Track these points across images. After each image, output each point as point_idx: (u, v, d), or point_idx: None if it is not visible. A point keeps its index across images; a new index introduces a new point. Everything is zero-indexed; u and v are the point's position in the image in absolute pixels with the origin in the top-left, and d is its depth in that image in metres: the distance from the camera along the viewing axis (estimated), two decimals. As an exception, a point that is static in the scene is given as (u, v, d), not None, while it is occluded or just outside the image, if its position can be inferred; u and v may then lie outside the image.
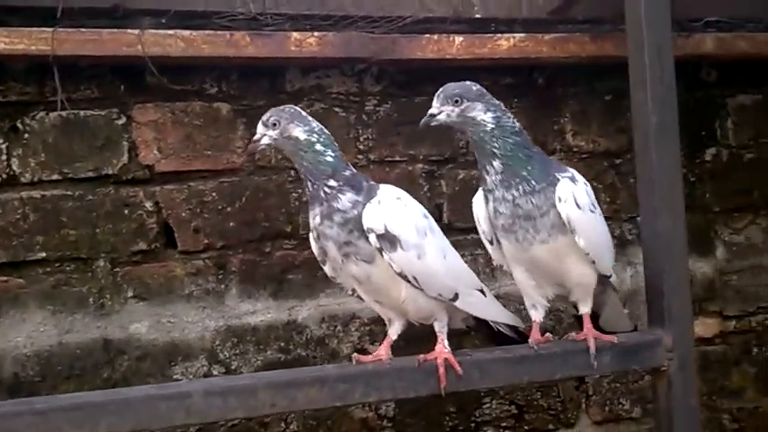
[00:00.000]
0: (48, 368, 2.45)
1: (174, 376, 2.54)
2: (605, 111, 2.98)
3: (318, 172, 1.94)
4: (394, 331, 2.07)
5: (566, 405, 2.90)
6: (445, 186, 2.82)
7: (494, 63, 2.74)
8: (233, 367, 2.59)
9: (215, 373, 2.57)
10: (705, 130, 3.10)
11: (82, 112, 2.48)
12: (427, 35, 2.62)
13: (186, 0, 2.48)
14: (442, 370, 1.92)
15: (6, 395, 2.41)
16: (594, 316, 2.26)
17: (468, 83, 2.05)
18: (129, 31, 2.39)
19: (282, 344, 2.64)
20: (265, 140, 1.98)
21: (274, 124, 1.96)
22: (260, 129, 1.98)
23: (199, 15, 2.50)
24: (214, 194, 2.58)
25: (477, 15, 2.73)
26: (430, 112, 2.03)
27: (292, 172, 2.66)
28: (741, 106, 3.15)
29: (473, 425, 2.81)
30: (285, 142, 1.97)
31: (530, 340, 2.10)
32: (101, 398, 1.86)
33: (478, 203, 2.12)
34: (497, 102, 2.05)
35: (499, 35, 2.71)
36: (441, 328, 2.01)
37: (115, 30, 2.39)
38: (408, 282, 1.94)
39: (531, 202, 1.99)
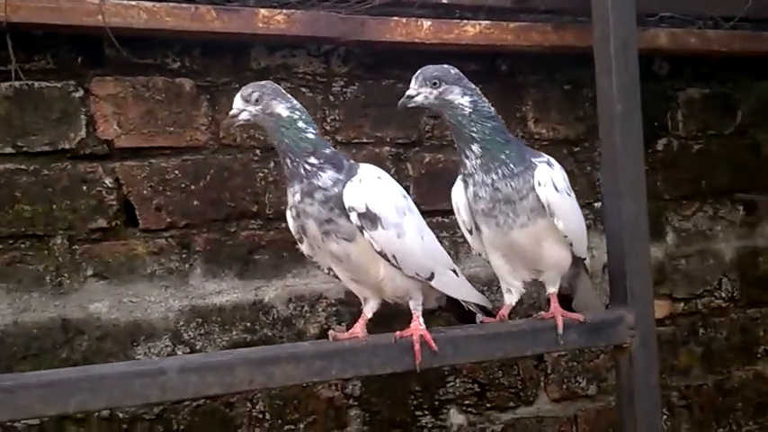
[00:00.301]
0: (2, 348, 2.00)
1: (137, 356, 2.10)
2: (565, 100, 2.59)
3: (299, 149, 1.61)
4: (369, 309, 1.76)
5: (525, 383, 2.51)
6: (411, 169, 2.41)
7: (460, 49, 2.31)
8: (197, 347, 2.16)
9: (179, 353, 2.11)
10: (657, 121, 2.73)
11: (36, 84, 2.02)
12: (396, 18, 2.21)
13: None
14: (417, 347, 1.63)
15: (-44, 377, 1.88)
16: (567, 298, 1.98)
17: (446, 66, 1.74)
18: (89, 0, 1.87)
19: (248, 324, 2.19)
20: (244, 116, 1.63)
21: (257, 100, 1.62)
22: (239, 104, 1.63)
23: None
24: (177, 172, 2.13)
25: (444, 1, 2.25)
26: (408, 93, 1.70)
27: (258, 151, 2.21)
28: (690, 99, 2.82)
29: (437, 403, 2.40)
30: (266, 118, 1.63)
31: (479, 317, 1.85)
32: (72, 374, 1.51)
33: (458, 192, 1.80)
34: (473, 86, 1.74)
35: (466, 21, 2.30)
36: (416, 306, 1.71)
37: (73, -2, 1.87)
38: (388, 260, 1.64)
39: (511, 185, 1.70)
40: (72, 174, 2.07)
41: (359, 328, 1.72)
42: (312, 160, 1.63)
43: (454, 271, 1.82)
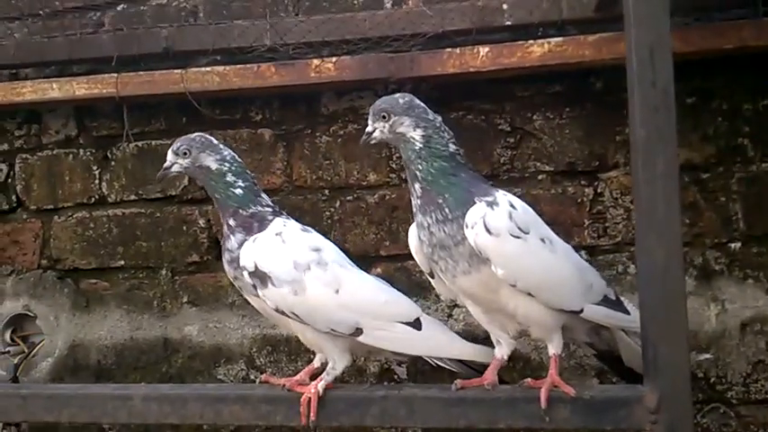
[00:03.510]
0: (121, 359, 2.39)
1: (218, 377, 2.28)
2: (686, 116, 2.06)
3: (225, 206, 1.64)
4: (317, 360, 1.70)
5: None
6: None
7: (528, 71, 2.04)
8: (267, 374, 2.22)
9: (252, 377, 2.23)
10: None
11: (153, 142, 2.35)
12: (448, 49, 2.06)
13: (224, 38, 2.19)
14: (302, 409, 1.54)
15: (93, 378, 2.34)
16: (616, 357, 1.67)
17: (396, 96, 1.58)
18: (175, 71, 2.19)
19: (312, 356, 2.20)
20: (176, 168, 1.71)
21: (185, 153, 1.68)
22: (170, 156, 1.71)
23: (241, 51, 2.21)
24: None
25: (508, 23, 2.02)
26: (366, 129, 1.60)
27: (326, 191, 2.24)
28: None
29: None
30: (196, 171, 1.68)
31: (456, 381, 1.55)
32: (65, 391, 1.77)
33: (412, 233, 1.62)
34: (432, 117, 1.55)
35: (531, 41, 2.01)
36: (330, 368, 1.60)
37: (165, 71, 2.20)
38: (288, 317, 1.56)
39: (444, 230, 1.48)
40: (176, 216, 2.38)
41: (300, 375, 1.67)
42: (231, 222, 1.64)
43: (414, 323, 1.60)
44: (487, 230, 1.43)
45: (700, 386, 2.00)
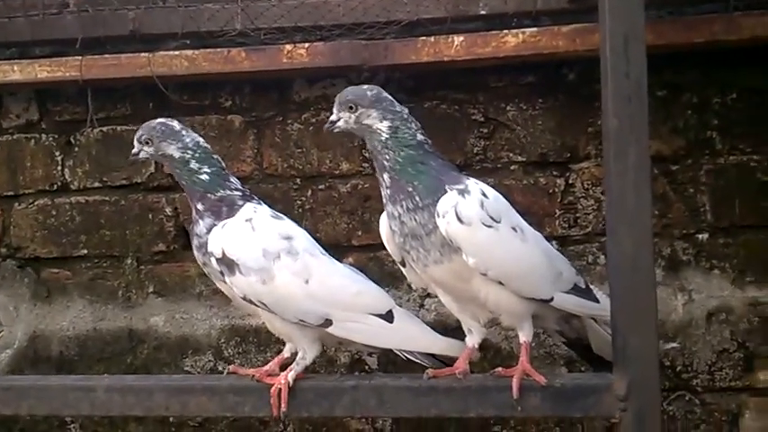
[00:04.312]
0: (84, 350, 2.30)
1: (185, 368, 2.21)
2: (656, 109, 2.06)
3: (192, 191, 1.60)
4: (287, 350, 1.65)
5: (593, 446, 2.02)
6: (455, 195, 2.10)
7: (503, 62, 2.01)
8: (236, 365, 2.16)
9: (219, 368, 2.17)
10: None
11: (118, 128, 2.27)
12: (423, 38, 2.01)
13: (194, 21, 2.11)
14: (273, 400, 1.50)
15: (54, 370, 2.25)
16: (586, 345, 1.66)
17: (364, 87, 1.56)
18: (142, 54, 2.10)
19: (282, 347, 2.15)
20: (142, 155, 1.66)
21: (147, 141, 1.63)
22: (135, 144, 1.67)
23: (211, 35, 2.14)
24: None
25: (482, 12, 1.99)
26: (331, 118, 1.57)
27: (298, 180, 2.19)
28: None
29: (480, 453, 2.06)
30: (160, 158, 1.64)
31: (428, 371, 1.53)
32: (23, 383, 1.71)
33: (383, 223, 1.60)
34: (399, 108, 1.53)
35: (506, 31, 1.98)
36: (299, 358, 1.56)
37: (131, 54, 2.11)
38: (256, 306, 1.51)
39: (415, 219, 1.46)
40: (142, 204, 2.30)
41: (270, 366, 1.62)
42: (199, 206, 1.59)
43: (386, 315, 1.57)
44: (459, 219, 1.42)
45: (666, 374, 2.01)
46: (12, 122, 2.34)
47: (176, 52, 2.15)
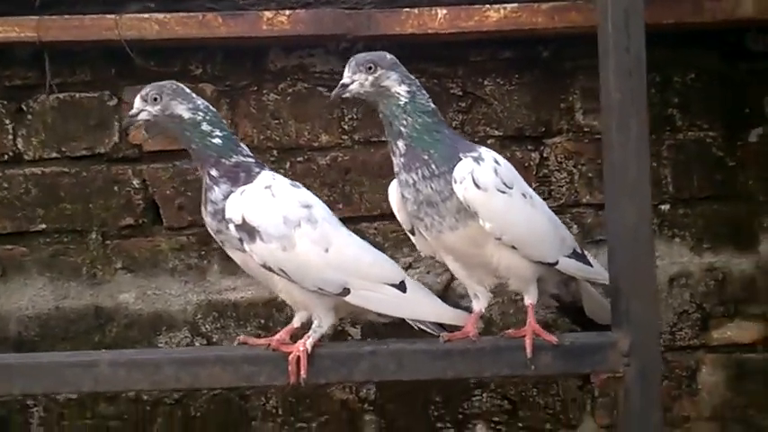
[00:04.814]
0: (46, 329, 2.17)
1: (159, 345, 2.13)
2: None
3: (205, 156, 1.52)
4: (297, 320, 1.62)
5: (567, 405, 2.13)
6: (434, 168, 2.11)
7: (485, 36, 2.03)
8: (214, 340, 2.16)
9: (197, 344, 2.11)
10: (750, 107, 2.15)
11: (77, 95, 2.13)
12: (407, 9, 1.99)
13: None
14: (291, 367, 1.49)
15: (12, 351, 2.10)
16: (579, 308, 1.72)
17: (381, 52, 1.54)
18: (108, 16, 1.95)
19: (262, 321, 2.15)
20: (143, 116, 1.55)
21: (155, 99, 1.53)
22: (138, 104, 1.55)
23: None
24: (197, 173, 2.09)
25: (467, -15, 1.99)
26: (342, 81, 1.52)
27: (275, 152, 2.15)
28: (795, 78, 2.16)
29: (461, 416, 2.13)
30: (166, 120, 1.54)
31: (443, 334, 1.57)
32: (13, 360, 1.60)
33: (392, 191, 1.60)
34: (412, 77, 1.52)
35: (488, 6, 1.99)
36: (316, 326, 1.55)
37: (95, 15, 1.95)
38: (276, 274, 1.48)
39: (431, 186, 1.46)
40: (106, 176, 2.17)
41: (281, 334, 1.59)
42: (213, 172, 1.53)
43: (399, 284, 1.58)
44: (476, 185, 1.44)
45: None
46: (-48, 86, 2.14)
47: (146, 15, 2.04)
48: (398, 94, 1.50)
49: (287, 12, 2.02)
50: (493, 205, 1.46)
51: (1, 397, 1.85)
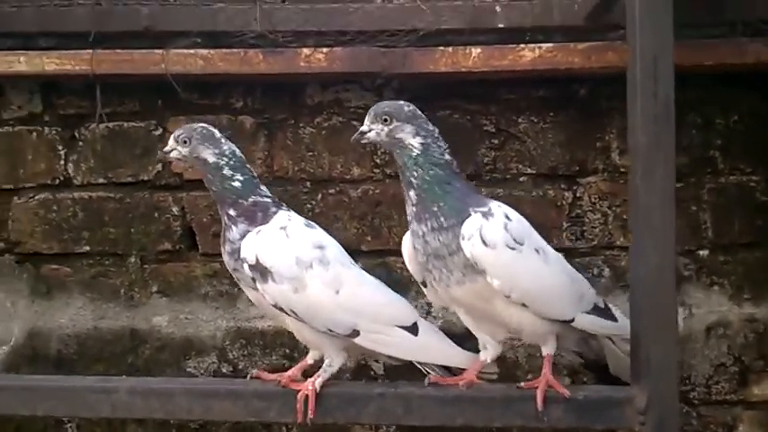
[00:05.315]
0: (84, 349, 2.25)
1: (188, 369, 2.16)
2: (663, 128, 2.08)
3: (224, 197, 1.57)
4: (310, 356, 1.63)
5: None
6: (465, 204, 2.11)
7: (518, 75, 2.03)
8: (240, 367, 2.17)
9: (223, 370, 2.14)
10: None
11: (125, 124, 2.23)
12: (441, 48, 2.01)
13: (210, 21, 2.07)
14: (299, 405, 1.49)
15: (52, 369, 2.19)
16: (603, 366, 1.67)
17: (401, 102, 1.55)
18: (156, 51, 2.06)
19: (288, 350, 2.18)
20: (174, 154, 1.62)
21: (185, 141, 1.60)
22: (171, 142, 1.62)
23: (225, 35, 2.10)
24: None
25: (500, 25, 2.00)
26: (361, 129, 1.55)
27: (308, 184, 2.16)
28: None
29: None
30: (194, 161, 1.60)
31: (429, 376, 1.56)
32: (40, 383, 1.65)
33: (406, 241, 1.58)
34: (432, 127, 1.53)
35: (523, 46, 2.00)
36: (326, 365, 1.55)
37: (144, 50, 2.06)
38: (287, 314, 1.50)
39: (439, 239, 1.45)
40: (148, 202, 2.26)
41: (294, 371, 1.61)
42: (231, 212, 1.57)
43: (411, 327, 1.56)
44: (484, 242, 1.42)
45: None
46: (13, 113, 2.27)
47: (191, 51, 2.12)
48: (412, 146, 1.50)
49: (324, 49, 2.07)
50: (501, 262, 1.43)
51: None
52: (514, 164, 2.16)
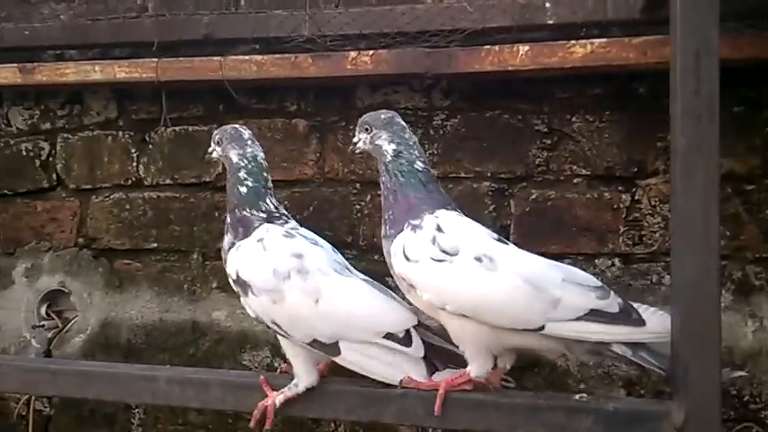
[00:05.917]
0: (150, 339, 2.38)
1: (243, 362, 2.25)
2: (732, 125, 1.94)
3: (229, 200, 1.62)
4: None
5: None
6: (514, 206, 2.09)
7: (576, 72, 1.95)
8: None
9: (276, 365, 2.21)
10: None
11: (190, 128, 2.34)
12: (487, 47, 1.97)
13: (263, 27, 2.15)
14: (256, 413, 1.52)
15: (122, 357, 2.35)
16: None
17: (380, 111, 1.59)
18: (215, 58, 2.15)
19: (335, 348, 2.17)
20: (213, 154, 1.71)
21: (218, 142, 1.68)
22: (212, 143, 1.71)
23: (278, 41, 2.17)
24: (287, 202, 2.24)
25: (550, 21, 1.93)
26: (354, 139, 1.61)
27: (358, 185, 2.20)
28: None
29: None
30: (226, 161, 1.67)
31: (403, 378, 1.48)
32: (94, 368, 1.78)
33: None
34: (408, 136, 1.53)
35: (573, 42, 1.91)
36: (293, 384, 1.53)
37: (204, 57, 2.17)
38: (269, 327, 1.49)
39: (385, 247, 1.48)
40: (210, 202, 2.36)
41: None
42: (227, 218, 1.61)
43: (407, 333, 1.45)
44: (406, 257, 1.40)
45: (732, 404, 1.90)
46: (92, 119, 2.44)
47: (246, 57, 2.18)
48: (386, 152, 1.53)
49: (370, 52, 2.07)
50: (426, 276, 1.38)
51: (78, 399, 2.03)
52: (568, 165, 2.07)
